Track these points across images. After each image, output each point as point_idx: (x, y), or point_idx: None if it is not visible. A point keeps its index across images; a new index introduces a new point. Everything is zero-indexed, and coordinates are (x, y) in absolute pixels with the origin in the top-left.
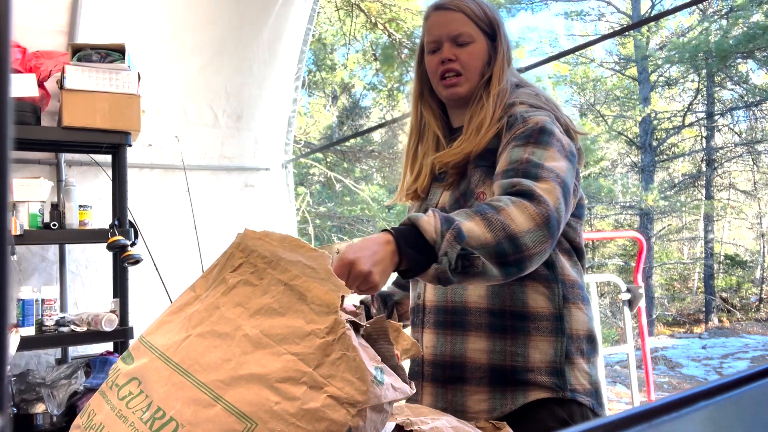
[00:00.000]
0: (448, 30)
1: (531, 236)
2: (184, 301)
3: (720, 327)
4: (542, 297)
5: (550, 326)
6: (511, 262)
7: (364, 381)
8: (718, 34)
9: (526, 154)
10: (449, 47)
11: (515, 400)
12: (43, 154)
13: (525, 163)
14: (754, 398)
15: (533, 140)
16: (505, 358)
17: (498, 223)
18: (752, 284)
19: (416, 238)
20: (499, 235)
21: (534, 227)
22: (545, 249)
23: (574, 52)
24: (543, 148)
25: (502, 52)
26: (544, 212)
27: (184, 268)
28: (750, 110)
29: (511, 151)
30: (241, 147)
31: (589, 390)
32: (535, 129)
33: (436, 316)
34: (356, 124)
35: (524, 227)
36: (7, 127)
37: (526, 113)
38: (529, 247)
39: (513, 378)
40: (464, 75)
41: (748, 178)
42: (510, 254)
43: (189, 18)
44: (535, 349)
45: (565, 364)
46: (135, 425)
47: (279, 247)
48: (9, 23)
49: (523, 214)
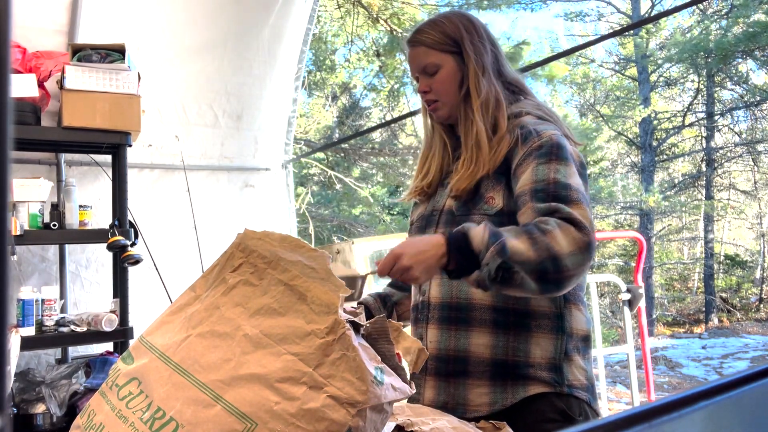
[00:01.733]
0: (417, 65)
1: (572, 259)
2: (184, 302)
3: (720, 327)
4: (545, 298)
5: (552, 324)
6: (551, 280)
7: (364, 381)
8: (718, 33)
9: (552, 173)
10: (423, 80)
11: (515, 393)
12: (43, 154)
13: (553, 184)
14: (754, 398)
15: (555, 156)
16: (507, 353)
17: (543, 243)
18: (752, 284)
19: (465, 245)
20: (542, 254)
21: (576, 251)
22: (583, 271)
23: (574, 52)
24: (565, 165)
25: (472, 65)
26: (586, 239)
27: (184, 268)
28: (750, 110)
29: (536, 168)
30: (241, 147)
31: (586, 385)
32: (553, 145)
33: (440, 312)
34: (356, 124)
35: (567, 250)
36: (7, 127)
37: (536, 126)
38: (569, 268)
39: (514, 372)
40: (440, 100)
41: (748, 178)
42: (551, 272)
43: (189, 18)
44: (537, 345)
45: (563, 361)
46: (135, 425)
47: (279, 247)
48: (9, 23)
49: (566, 238)
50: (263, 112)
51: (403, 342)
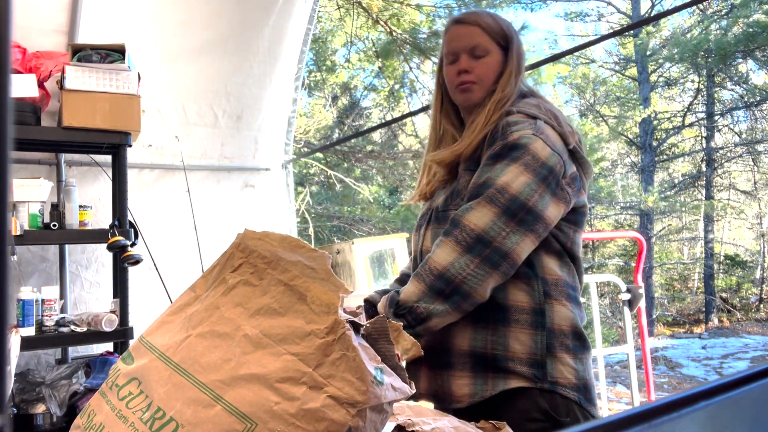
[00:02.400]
0: (465, 43)
1: (455, 266)
2: (184, 302)
3: (720, 327)
4: (521, 292)
5: (530, 319)
6: (449, 294)
7: (364, 381)
8: (718, 33)
9: (489, 173)
10: (466, 59)
11: (495, 386)
12: (43, 155)
13: (480, 185)
14: (754, 398)
15: (501, 158)
16: (486, 347)
17: (425, 272)
18: (752, 284)
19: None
20: (427, 279)
21: (456, 257)
22: (476, 269)
23: (574, 52)
24: (505, 165)
25: (512, 63)
26: (464, 240)
27: (184, 268)
28: (750, 110)
29: (480, 171)
30: (241, 147)
31: (576, 385)
32: (506, 145)
33: None
34: (356, 125)
35: (446, 261)
36: (7, 127)
37: (509, 127)
38: (457, 275)
39: (494, 365)
40: (478, 84)
41: (748, 178)
42: (445, 288)
43: (189, 18)
44: (515, 340)
45: (546, 357)
46: (135, 425)
47: (279, 248)
48: (9, 23)
49: (444, 251)
50: (263, 112)
51: (402, 342)
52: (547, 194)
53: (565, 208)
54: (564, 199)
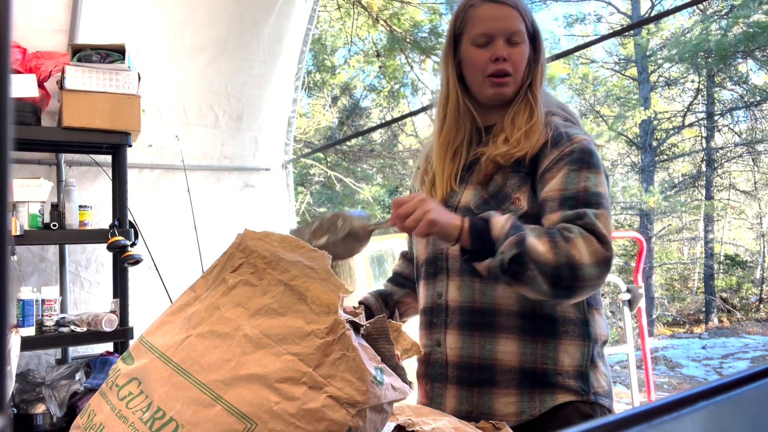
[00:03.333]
0: (505, 26)
1: (590, 270)
2: (184, 302)
3: (720, 327)
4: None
5: (578, 330)
6: (564, 286)
7: (363, 381)
8: (718, 33)
9: (582, 182)
10: (502, 45)
11: (543, 402)
12: (43, 155)
13: (584, 192)
14: (754, 398)
15: (586, 164)
16: (536, 361)
17: (564, 249)
18: (752, 284)
19: (485, 230)
20: (561, 259)
21: (594, 263)
22: (597, 284)
23: (574, 53)
24: (595, 174)
25: (542, 57)
26: (607, 254)
27: (184, 269)
28: (750, 110)
29: (567, 175)
30: (242, 147)
31: (607, 392)
32: (585, 151)
33: (461, 316)
34: (356, 125)
35: (586, 261)
36: (7, 127)
37: (567, 129)
38: (585, 278)
39: (543, 381)
40: (513, 76)
41: (748, 179)
42: (566, 279)
43: (189, 18)
44: (565, 352)
45: (589, 368)
46: (135, 425)
47: (279, 248)
48: (9, 23)
49: (588, 249)
50: (263, 112)
51: (402, 343)
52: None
53: None
54: None
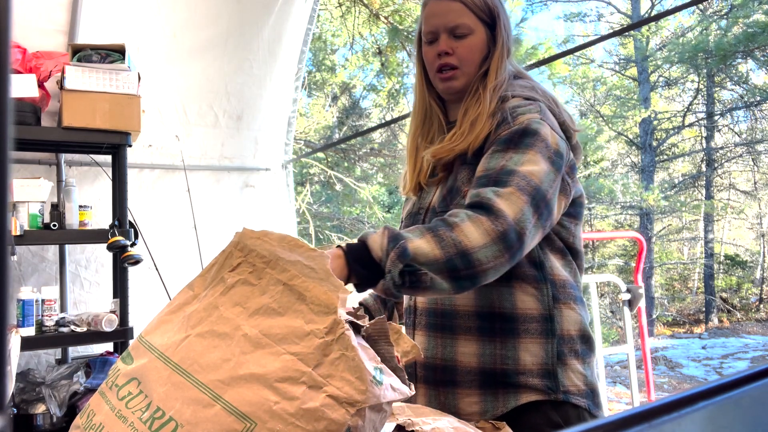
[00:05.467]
0: (446, 21)
1: (484, 252)
2: (182, 300)
3: (720, 327)
4: (531, 298)
5: (540, 328)
6: (463, 277)
7: (363, 381)
8: (718, 33)
9: (503, 161)
10: (446, 39)
11: (507, 402)
12: (43, 155)
13: (498, 171)
14: (754, 398)
15: (513, 144)
16: (495, 361)
17: (450, 239)
18: (752, 284)
19: (364, 254)
20: (450, 251)
21: (489, 242)
22: (501, 263)
23: (574, 52)
24: (522, 152)
25: (501, 42)
26: (499, 227)
27: (184, 269)
28: (750, 110)
29: (490, 156)
30: (242, 147)
31: (585, 391)
32: (518, 131)
33: (427, 318)
34: (356, 125)
35: (477, 243)
36: (7, 127)
37: (515, 111)
38: (482, 262)
39: (504, 381)
40: (461, 69)
41: (748, 178)
42: (462, 269)
43: (189, 18)
44: (525, 351)
45: (557, 366)
46: (134, 425)
47: (278, 247)
48: (9, 23)
49: (477, 230)
50: (263, 112)
51: (402, 344)
52: (558, 186)
53: (566, 202)
54: (566, 191)
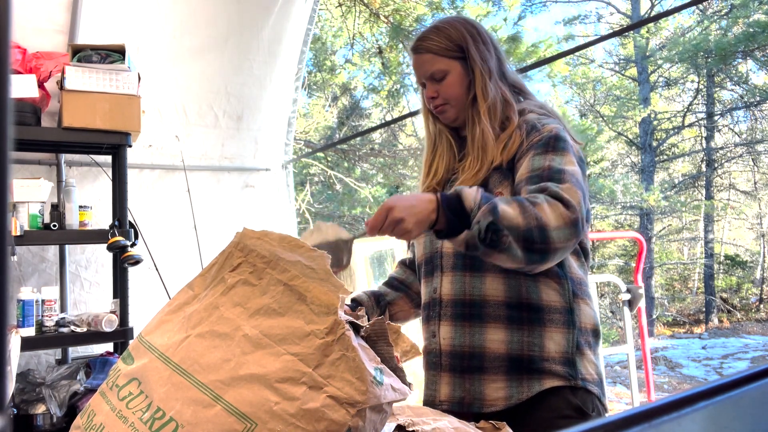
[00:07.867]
0: (423, 71)
1: (558, 232)
2: (182, 300)
3: (720, 327)
4: (554, 292)
5: (563, 318)
6: (536, 250)
7: (363, 381)
8: (718, 33)
9: (547, 162)
10: (430, 85)
11: (531, 387)
12: (43, 155)
13: (547, 170)
14: (754, 398)
15: (551, 147)
16: (522, 348)
17: (532, 212)
18: (752, 284)
19: (457, 204)
20: (531, 222)
21: (563, 225)
22: (569, 246)
23: (575, 52)
24: (561, 155)
25: (479, 69)
26: (572, 215)
27: (184, 269)
28: (750, 110)
29: (532, 159)
30: (242, 147)
31: (596, 380)
32: (551, 136)
33: (453, 309)
34: (356, 125)
35: (554, 223)
36: (7, 127)
37: (540, 120)
38: (555, 240)
39: (529, 367)
40: (449, 103)
41: (748, 179)
42: (537, 242)
43: (189, 18)
44: (550, 339)
45: (576, 355)
46: (135, 425)
47: (278, 247)
48: (9, 23)
49: (554, 212)
50: (263, 112)
51: (402, 344)
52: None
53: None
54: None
